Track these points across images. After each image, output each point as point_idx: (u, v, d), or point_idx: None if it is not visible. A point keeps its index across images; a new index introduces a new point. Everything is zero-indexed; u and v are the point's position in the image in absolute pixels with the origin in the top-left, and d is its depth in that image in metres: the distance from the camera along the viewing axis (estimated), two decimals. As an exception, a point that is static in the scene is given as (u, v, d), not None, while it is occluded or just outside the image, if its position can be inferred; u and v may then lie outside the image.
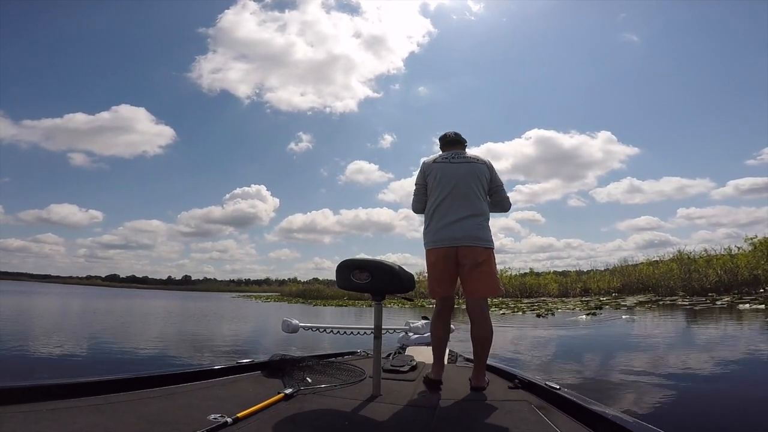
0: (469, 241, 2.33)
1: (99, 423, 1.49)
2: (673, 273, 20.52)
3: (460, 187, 2.39)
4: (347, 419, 1.76)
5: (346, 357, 3.34)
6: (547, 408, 1.86)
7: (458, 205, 2.37)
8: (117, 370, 2.70)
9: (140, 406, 1.72)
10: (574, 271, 29.58)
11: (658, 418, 2.75)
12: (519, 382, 2.27)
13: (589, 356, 5.58)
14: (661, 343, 6.44)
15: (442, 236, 2.36)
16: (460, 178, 2.40)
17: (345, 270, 2.16)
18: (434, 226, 2.40)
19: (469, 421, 1.74)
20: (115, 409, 1.66)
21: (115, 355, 5.68)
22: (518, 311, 15.81)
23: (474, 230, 2.35)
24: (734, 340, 6.53)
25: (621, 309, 14.24)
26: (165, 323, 12.21)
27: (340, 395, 2.11)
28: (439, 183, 2.41)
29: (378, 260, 2.16)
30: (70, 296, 30.80)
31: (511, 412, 1.83)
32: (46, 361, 4.91)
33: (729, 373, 4.30)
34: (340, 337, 3.79)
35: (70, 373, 4.03)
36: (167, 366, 4.66)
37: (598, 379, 4.02)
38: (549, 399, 1.98)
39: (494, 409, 1.89)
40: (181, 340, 7.85)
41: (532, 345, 6.97)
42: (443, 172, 2.44)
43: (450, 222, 2.35)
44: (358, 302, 25.80)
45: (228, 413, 1.69)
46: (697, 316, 10.77)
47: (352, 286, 2.15)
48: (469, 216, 2.35)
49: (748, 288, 17.07)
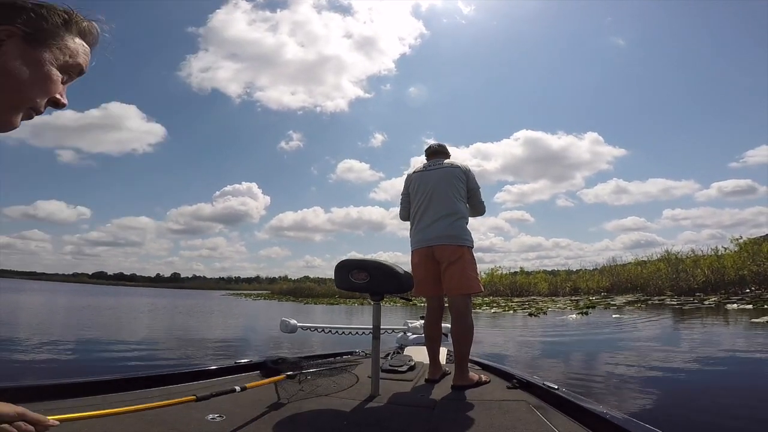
0: (441, 241, 2.46)
1: (98, 423, 1.48)
2: (661, 273, 20.81)
3: (436, 191, 2.54)
4: (346, 419, 1.76)
5: (344, 357, 3.33)
6: (545, 408, 1.87)
7: (433, 208, 2.52)
8: (114, 371, 2.67)
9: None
10: (563, 270, 29.91)
11: (656, 418, 2.78)
12: (517, 382, 2.28)
13: (585, 356, 5.62)
14: (654, 342, 6.51)
15: (420, 238, 2.53)
16: (435, 183, 2.57)
17: (343, 270, 2.17)
18: (414, 230, 2.60)
19: (468, 421, 1.74)
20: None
21: (110, 356, 5.59)
22: (509, 310, 15.93)
23: (446, 229, 2.47)
24: (725, 340, 6.63)
25: (611, 308, 14.41)
26: (155, 323, 12.07)
27: (338, 395, 2.11)
28: (417, 190, 2.61)
29: (376, 260, 2.16)
30: (55, 294, 30.30)
31: (510, 412, 1.83)
32: (35, 363, 4.82)
33: (724, 372, 4.37)
34: (338, 337, 3.78)
35: (63, 375, 3.97)
36: (162, 367, 4.61)
37: (596, 378, 4.05)
38: (547, 399, 1.99)
39: (492, 409, 1.90)
40: (173, 340, 7.76)
41: (527, 345, 7.01)
42: (420, 180, 2.64)
43: (427, 224, 2.51)
44: (350, 301, 25.77)
45: (226, 413, 1.68)
46: (686, 315, 10.93)
47: (351, 286, 2.16)
48: (443, 216, 2.49)
49: (735, 288, 17.39)
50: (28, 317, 11.43)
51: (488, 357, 3.32)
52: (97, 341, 6.98)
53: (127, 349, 6.14)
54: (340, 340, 3.94)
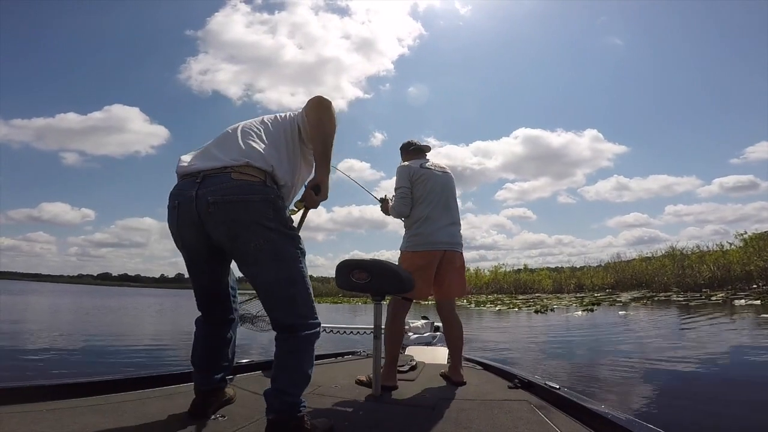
0: (454, 247, 2.51)
1: (99, 423, 1.49)
2: (666, 269, 20.71)
3: (445, 195, 2.56)
4: (347, 419, 1.75)
5: (346, 357, 3.32)
6: (546, 408, 1.86)
7: (450, 213, 2.55)
8: (116, 371, 2.68)
9: (140, 407, 1.72)
10: (567, 267, 29.80)
11: (658, 418, 2.75)
12: (519, 381, 2.27)
13: (588, 355, 5.58)
14: (660, 340, 6.45)
15: (432, 240, 2.46)
16: (444, 187, 2.57)
17: (344, 270, 2.16)
18: (427, 230, 2.48)
19: (469, 421, 1.73)
20: (115, 409, 1.65)
21: (111, 356, 5.61)
22: (514, 307, 15.90)
23: (457, 236, 2.55)
24: (733, 336, 6.56)
25: (616, 305, 14.35)
26: (158, 323, 12.13)
27: (340, 395, 2.10)
28: (432, 190, 2.53)
29: (378, 260, 2.15)
30: (59, 296, 30.51)
31: (511, 412, 1.82)
32: (36, 363, 4.84)
33: (729, 371, 4.30)
34: (340, 336, 3.78)
35: (66, 375, 3.99)
36: (164, 366, 4.62)
37: (598, 378, 4.02)
38: (549, 399, 1.98)
39: (494, 408, 1.88)
40: (178, 340, 7.78)
41: (531, 343, 6.98)
42: (430, 179, 2.55)
43: (439, 227, 2.48)
44: (353, 299, 25.82)
45: (228, 413, 1.68)
46: (693, 312, 10.84)
47: (352, 286, 2.15)
48: (453, 223, 2.54)
49: (741, 284, 17.28)
50: (32, 319, 11.51)
51: (488, 357, 3.30)
52: (101, 343, 7.01)
53: (130, 350, 6.17)
54: (342, 340, 3.93)
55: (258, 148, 1.51)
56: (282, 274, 1.46)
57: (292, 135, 1.62)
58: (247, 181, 1.44)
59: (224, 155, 1.49)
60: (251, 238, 1.43)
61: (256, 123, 1.65)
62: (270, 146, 1.55)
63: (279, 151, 1.56)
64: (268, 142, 1.56)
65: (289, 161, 1.58)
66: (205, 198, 1.43)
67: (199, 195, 1.44)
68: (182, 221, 1.50)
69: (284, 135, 1.61)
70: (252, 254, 1.45)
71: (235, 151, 1.50)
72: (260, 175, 1.46)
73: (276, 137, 1.59)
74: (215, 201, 1.42)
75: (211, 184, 1.44)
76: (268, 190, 1.46)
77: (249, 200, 1.42)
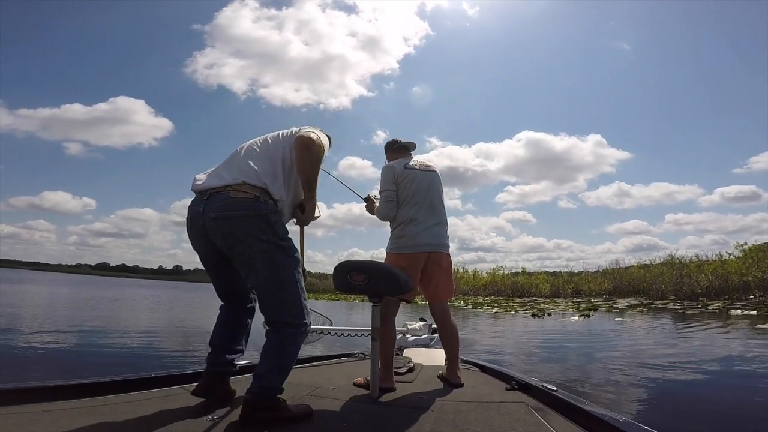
0: (439, 249, 2.44)
1: (97, 425, 1.48)
2: (664, 277, 20.74)
3: (431, 195, 2.49)
4: (345, 421, 1.75)
5: (343, 359, 3.32)
6: (544, 410, 1.86)
7: (435, 213, 2.48)
8: (114, 371, 2.68)
9: (138, 408, 1.71)
10: (565, 272, 29.85)
11: (654, 420, 2.76)
12: (516, 383, 2.27)
13: (585, 358, 5.61)
14: (657, 346, 6.49)
15: (417, 242, 2.39)
16: (429, 187, 2.50)
17: (342, 271, 2.15)
18: (411, 232, 2.42)
19: (466, 423, 1.73)
20: (112, 411, 1.65)
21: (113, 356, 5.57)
22: (511, 310, 15.90)
23: (442, 237, 2.48)
24: (728, 345, 6.60)
25: (613, 312, 14.35)
26: (156, 317, 12.11)
27: (337, 397, 2.10)
28: (417, 191, 2.45)
29: (375, 262, 2.16)
30: (57, 286, 30.41)
31: (508, 414, 1.82)
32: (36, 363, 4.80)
33: (725, 376, 4.35)
34: (338, 338, 3.77)
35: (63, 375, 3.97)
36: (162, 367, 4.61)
37: (595, 381, 4.04)
38: (546, 401, 1.98)
39: (491, 410, 1.88)
40: (175, 338, 7.75)
41: (528, 347, 6.99)
42: (415, 179, 2.47)
43: (424, 228, 2.42)
44: (351, 297, 25.79)
45: (225, 415, 1.68)
46: (689, 320, 10.87)
47: (349, 288, 2.15)
48: (438, 223, 2.47)
49: (739, 294, 17.31)
50: (29, 311, 11.49)
51: (486, 359, 3.30)
52: (99, 338, 6.97)
53: (129, 347, 6.16)
54: (339, 342, 3.92)
55: (254, 167, 1.71)
56: (272, 279, 1.66)
57: (291, 152, 1.79)
58: (243, 198, 1.65)
59: (227, 174, 1.71)
60: (245, 248, 1.64)
61: (259, 141, 1.85)
62: (267, 164, 1.74)
63: (275, 167, 1.75)
64: (266, 159, 1.76)
65: (284, 177, 1.76)
66: (208, 214, 1.66)
67: (205, 211, 1.67)
68: (194, 233, 1.75)
69: (282, 152, 1.78)
70: (247, 261, 1.66)
71: (235, 171, 1.71)
72: (255, 191, 1.66)
73: (274, 155, 1.78)
74: (216, 216, 1.65)
75: (215, 201, 1.67)
76: (261, 206, 1.65)
77: (243, 216, 1.63)
